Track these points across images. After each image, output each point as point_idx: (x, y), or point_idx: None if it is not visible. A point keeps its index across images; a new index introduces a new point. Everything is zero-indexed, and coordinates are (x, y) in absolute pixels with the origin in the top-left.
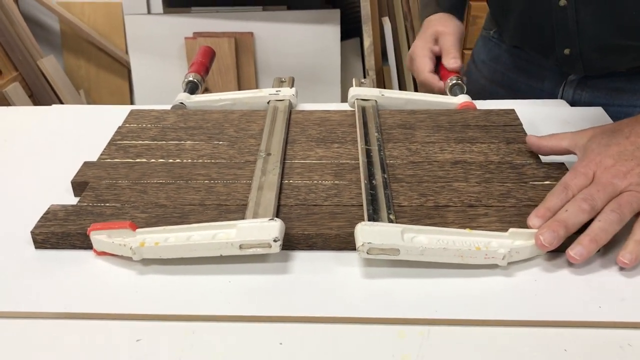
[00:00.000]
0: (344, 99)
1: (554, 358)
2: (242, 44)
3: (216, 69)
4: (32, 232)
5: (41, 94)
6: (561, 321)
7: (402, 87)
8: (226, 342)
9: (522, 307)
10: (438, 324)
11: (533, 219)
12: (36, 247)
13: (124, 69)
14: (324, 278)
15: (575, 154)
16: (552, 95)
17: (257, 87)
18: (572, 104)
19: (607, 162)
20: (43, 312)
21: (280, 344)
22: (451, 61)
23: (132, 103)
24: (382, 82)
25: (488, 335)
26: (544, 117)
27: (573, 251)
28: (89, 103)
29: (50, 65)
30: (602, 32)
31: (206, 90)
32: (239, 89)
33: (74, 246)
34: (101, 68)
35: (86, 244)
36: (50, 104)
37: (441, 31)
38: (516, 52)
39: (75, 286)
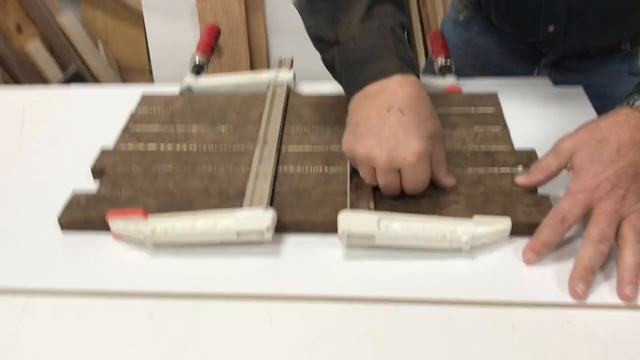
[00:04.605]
0: None
1: (502, 334)
2: (252, 3)
3: (227, 29)
4: (58, 218)
5: (60, 49)
6: (511, 301)
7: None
8: (226, 317)
9: (479, 288)
10: (406, 303)
11: (529, 254)
12: (62, 231)
13: (139, 20)
14: (310, 260)
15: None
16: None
17: (267, 47)
18: None
19: (606, 187)
20: (67, 290)
21: (271, 319)
22: (448, 179)
23: (147, 55)
24: None
25: (447, 314)
26: (526, 98)
27: (628, 290)
28: (107, 55)
29: (68, 21)
30: (589, 10)
31: (217, 50)
32: (249, 48)
33: (95, 230)
34: (117, 19)
35: (106, 228)
36: (69, 60)
37: (439, 136)
38: (488, 35)
39: (96, 266)
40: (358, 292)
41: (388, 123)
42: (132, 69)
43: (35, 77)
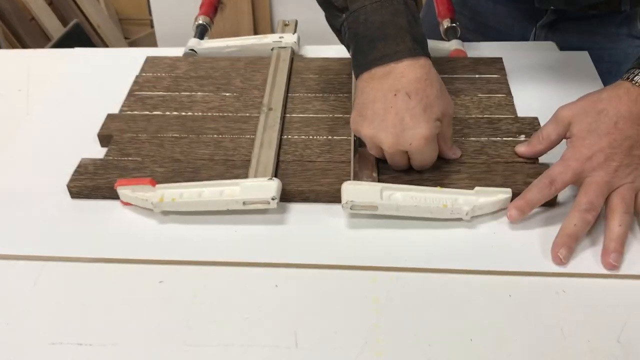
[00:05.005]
0: None
1: (499, 302)
2: None
3: None
4: (67, 186)
5: (60, 2)
6: (508, 270)
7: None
8: (233, 283)
9: (478, 257)
10: (405, 271)
11: (512, 211)
12: (72, 197)
13: None
14: (314, 228)
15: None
16: (522, 40)
17: (269, 5)
18: None
19: (599, 158)
20: (79, 257)
21: (276, 285)
22: (452, 152)
23: (148, 6)
24: None
25: (446, 282)
26: (530, 64)
27: (611, 259)
28: (107, 7)
29: None
30: None
31: (220, 3)
32: (253, 5)
33: (104, 197)
34: None
35: (114, 195)
36: (70, 13)
37: (448, 114)
38: None
39: (106, 234)
40: (360, 260)
41: (394, 107)
42: (133, 21)
43: (36, 31)
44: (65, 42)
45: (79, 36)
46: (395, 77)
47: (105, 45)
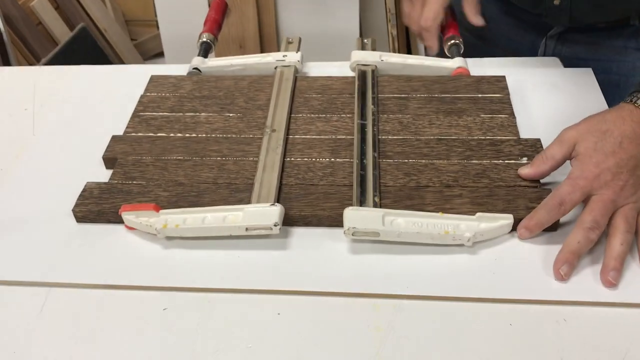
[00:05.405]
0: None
1: (500, 330)
2: None
3: None
4: (73, 210)
5: (66, 6)
6: (509, 298)
7: None
8: (236, 311)
9: (479, 284)
10: (408, 299)
11: (522, 231)
12: (77, 222)
13: None
14: (316, 254)
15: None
16: (532, 50)
17: (275, 11)
18: None
19: (606, 176)
20: (85, 284)
21: (278, 314)
22: (476, 18)
23: (154, 8)
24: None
25: (447, 310)
26: (534, 81)
27: (610, 276)
28: (113, 9)
29: None
30: None
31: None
32: (257, 7)
33: (109, 221)
34: None
35: (119, 219)
36: (76, 17)
37: None
38: (496, 4)
39: (111, 260)
40: (362, 287)
41: None
42: (140, 22)
43: (43, 36)
44: (72, 46)
45: (86, 40)
46: None
47: (112, 47)
